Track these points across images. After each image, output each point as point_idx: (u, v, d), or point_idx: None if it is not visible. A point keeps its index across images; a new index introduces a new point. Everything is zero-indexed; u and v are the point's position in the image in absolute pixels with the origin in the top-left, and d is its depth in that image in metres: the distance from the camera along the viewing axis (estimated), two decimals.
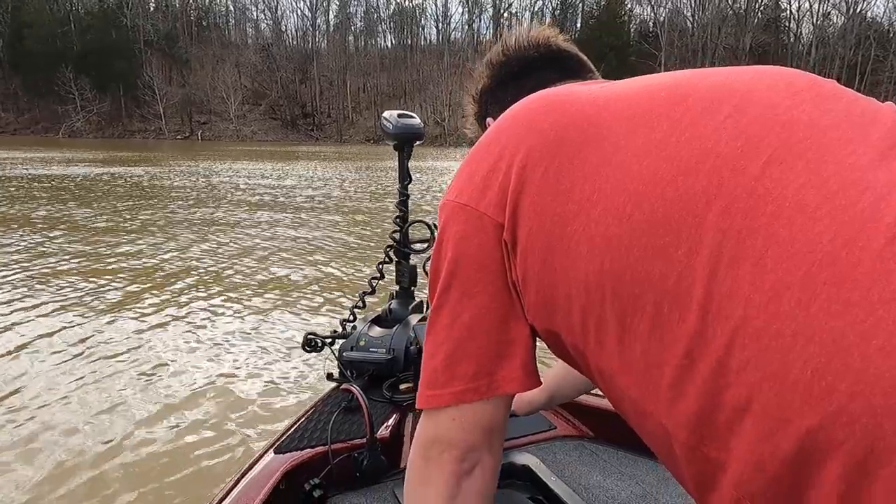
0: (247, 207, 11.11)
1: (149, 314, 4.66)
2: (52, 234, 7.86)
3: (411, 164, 1.57)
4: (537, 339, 0.63)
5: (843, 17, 63.28)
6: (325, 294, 5.39)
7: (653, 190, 0.49)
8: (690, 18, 70.04)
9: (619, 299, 0.50)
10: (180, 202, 11.45)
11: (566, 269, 0.54)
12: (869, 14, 64.27)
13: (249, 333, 4.32)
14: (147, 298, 5.10)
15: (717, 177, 0.47)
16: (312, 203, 11.97)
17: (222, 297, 5.16)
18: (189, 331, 4.36)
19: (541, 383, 0.64)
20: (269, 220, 9.71)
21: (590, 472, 1.22)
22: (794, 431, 0.40)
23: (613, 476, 1.21)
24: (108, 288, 5.37)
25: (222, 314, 4.75)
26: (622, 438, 1.29)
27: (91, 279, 5.65)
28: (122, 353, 3.90)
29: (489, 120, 0.86)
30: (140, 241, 7.61)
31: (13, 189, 13.25)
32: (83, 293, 5.19)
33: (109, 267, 6.15)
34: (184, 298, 5.12)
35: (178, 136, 69.34)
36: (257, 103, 76.75)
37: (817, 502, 0.40)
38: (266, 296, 5.26)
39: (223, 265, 6.41)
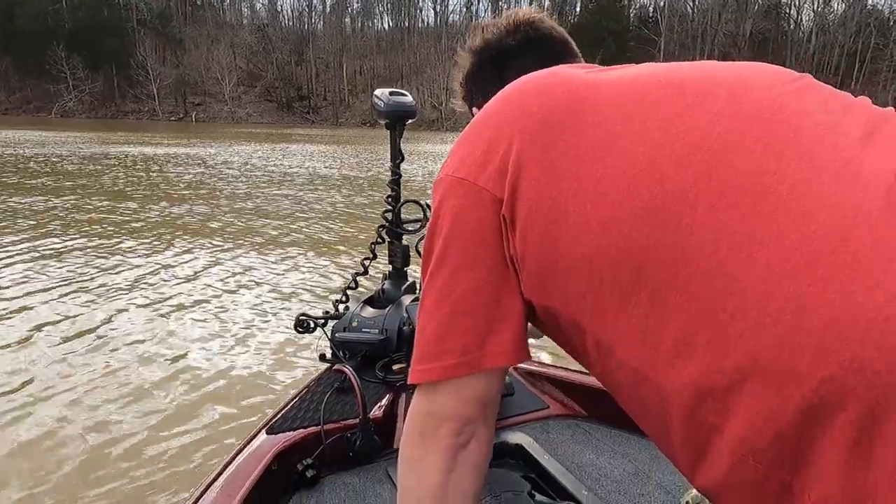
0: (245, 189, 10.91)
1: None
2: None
3: (404, 145, 1.55)
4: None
5: (843, 5, 62.90)
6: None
7: (651, 175, 0.51)
8: (691, 4, 69.52)
9: (620, 273, 0.51)
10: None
11: (567, 245, 0.55)
12: (870, 2, 63.83)
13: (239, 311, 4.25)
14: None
15: (712, 164, 0.49)
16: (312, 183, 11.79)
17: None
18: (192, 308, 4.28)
19: (530, 357, 0.65)
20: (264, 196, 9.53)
21: (583, 450, 1.23)
22: (806, 384, 0.41)
23: (606, 454, 1.21)
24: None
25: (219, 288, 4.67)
26: (615, 418, 1.29)
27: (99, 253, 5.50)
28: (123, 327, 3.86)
29: (475, 110, 0.86)
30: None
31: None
32: (85, 267, 5.09)
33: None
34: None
35: (172, 118, 68.67)
36: (252, 85, 75.95)
37: (826, 450, 0.41)
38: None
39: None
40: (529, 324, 0.64)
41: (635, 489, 1.11)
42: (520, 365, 1.48)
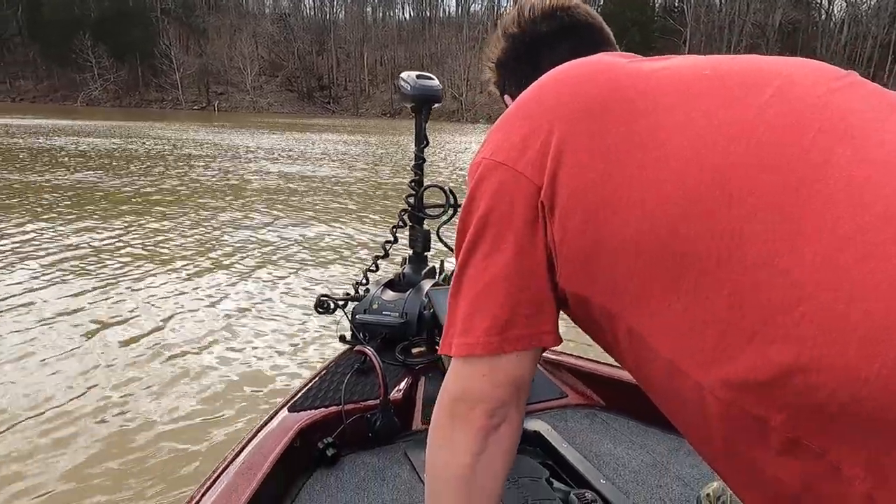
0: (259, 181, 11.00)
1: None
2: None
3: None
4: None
5: None
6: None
7: (697, 165, 0.50)
8: None
9: (666, 258, 0.50)
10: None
11: (610, 231, 0.54)
12: None
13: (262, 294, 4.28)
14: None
15: (760, 156, 0.48)
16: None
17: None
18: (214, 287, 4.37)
19: (558, 342, 0.64)
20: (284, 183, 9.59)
21: (601, 440, 1.22)
22: (854, 377, 0.41)
23: (624, 445, 1.21)
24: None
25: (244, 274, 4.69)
26: (634, 409, 1.29)
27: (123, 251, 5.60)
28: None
29: (507, 98, 0.85)
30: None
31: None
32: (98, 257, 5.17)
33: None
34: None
35: (195, 107, 69.35)
36: (274, 75, 76.37)
37: (872, 441, 0.42)
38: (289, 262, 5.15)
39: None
40: None
41: (653, 480, 1.10)
42: None
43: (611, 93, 0.58)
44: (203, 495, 0.90)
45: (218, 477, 0.95)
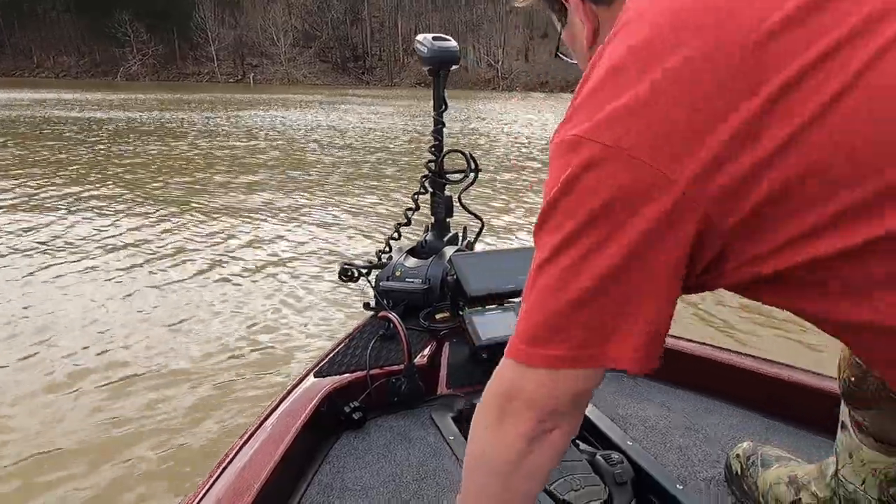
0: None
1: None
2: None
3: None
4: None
5: None
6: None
7: None
8: None
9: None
10: None
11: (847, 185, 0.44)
12: None
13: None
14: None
15: None
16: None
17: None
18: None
19: (657, 365, 0.55)
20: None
21: (627, 402, 1.22)
22: None
23: (652, 406, 1.20)
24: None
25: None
26: (661, 371, 1.21)
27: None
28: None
29: (587, 8, 0.66)
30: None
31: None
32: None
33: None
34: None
35: (231, 80, 69.96)
36: (308, 45, 76.28)
37: None
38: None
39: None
40: None
41: (681, 441, 1.09)
42: None
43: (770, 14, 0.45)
44: (233, 458, 0.92)
45: (248, 441, 0.97)
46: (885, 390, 0.69)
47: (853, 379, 0.73)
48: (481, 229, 1.68)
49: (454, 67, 1.50)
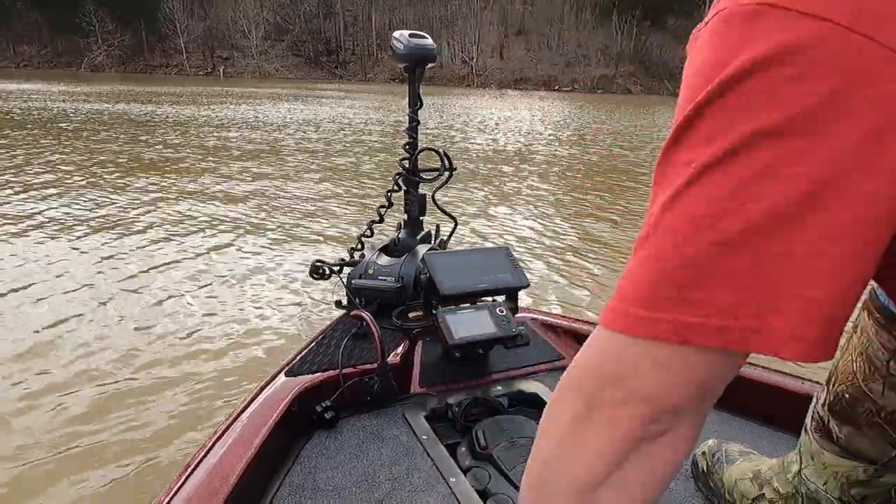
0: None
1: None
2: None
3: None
4: None
5: None
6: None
7: None
8: None
9: None
10: None
11: None
12: None
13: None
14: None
15: None
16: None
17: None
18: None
19: (830, 356, 0.37)
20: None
21: None
22: None
23: None
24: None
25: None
26: None
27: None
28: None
29: None
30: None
31: None
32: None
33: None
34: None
35: (200, 73, 68.61)
36: (280, 39, 75.23)
37: None
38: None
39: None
40: None
41: None
42: (535, 316, 1.47)
43: None
44: (202, 460, 0.91)
45: (217, 441, 0.96)
46: (878, 416, 0.67)
47: (847, 397, 0.71)
48: (454, 228, 1.68)
49: (430, 65, 1.50)
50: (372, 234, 1.57)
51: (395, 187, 1.54)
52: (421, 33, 1.48)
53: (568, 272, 4.33)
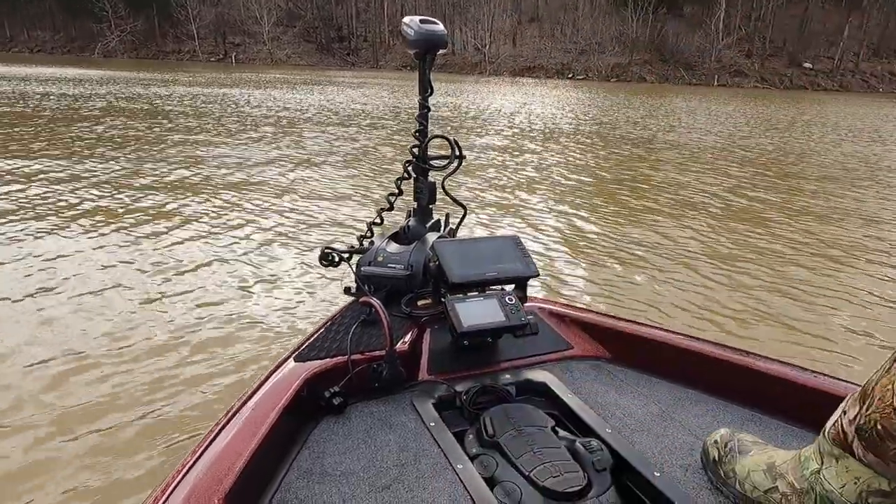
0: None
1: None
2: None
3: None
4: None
5: None
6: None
7: None
8: None
9: None
10: None
11: None
12: None
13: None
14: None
15: None
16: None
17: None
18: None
19: None
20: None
21: (606, 390, 1.23)
22: None
23: (629, 395, 1.22)
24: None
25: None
26: (639, 361, 1.31)
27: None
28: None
29: None
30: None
31: None
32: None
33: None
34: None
35: (212, 59, 68.54)
36: (291, 25, 74.91)
37: None
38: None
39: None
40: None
41: (658, 429, 1.10)
42: (543, 305, 1.46)
43: None
44: (211, 443, 0.91)
45: (226, 425, 0.96)
46: None
47: (880, 428, 0.68)
48: (464, 216, 1.68)
49: (441, 52, 1.48)
50: (382, 221, 1.57)
51: (405, 175, 1.54)
52: (432, 19, 1.47)
53: (575, 262, 4.31)
